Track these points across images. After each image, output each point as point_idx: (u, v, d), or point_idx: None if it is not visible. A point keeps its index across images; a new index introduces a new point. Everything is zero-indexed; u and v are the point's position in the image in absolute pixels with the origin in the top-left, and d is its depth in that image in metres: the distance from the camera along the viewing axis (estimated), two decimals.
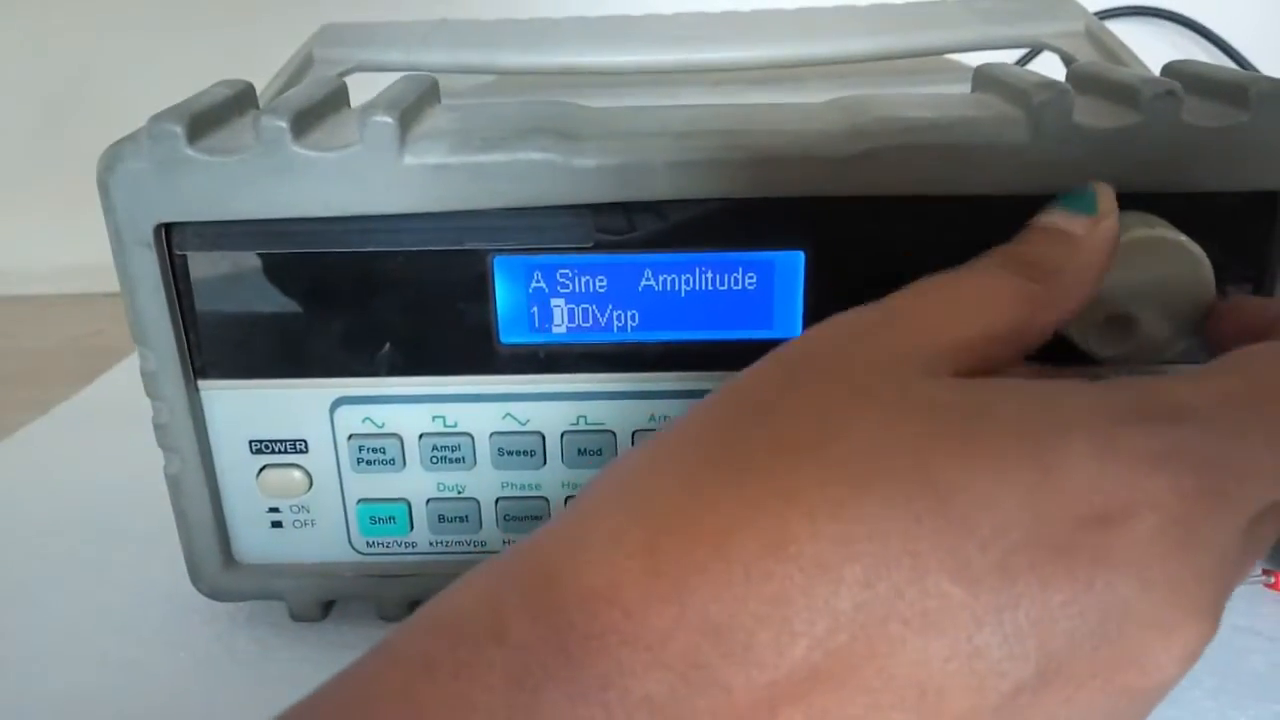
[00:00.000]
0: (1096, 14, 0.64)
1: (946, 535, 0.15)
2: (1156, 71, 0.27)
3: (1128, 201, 0.23)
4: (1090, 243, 0.22)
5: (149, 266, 0.25)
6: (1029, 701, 0.15)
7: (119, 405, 0.47)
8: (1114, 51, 0.35)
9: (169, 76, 0.64)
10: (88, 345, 0.62)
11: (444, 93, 0.29)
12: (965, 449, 0.16)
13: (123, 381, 0.51)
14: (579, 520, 0.17)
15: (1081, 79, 0.27)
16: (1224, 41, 0.64)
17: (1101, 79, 0.26)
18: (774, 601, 0.15)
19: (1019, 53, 0.59)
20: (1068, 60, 0.35)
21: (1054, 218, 0.22)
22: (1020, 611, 0.15)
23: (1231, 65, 0.64)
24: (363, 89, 0.29)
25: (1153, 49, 0.67)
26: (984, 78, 0.28)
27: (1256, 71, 0.54)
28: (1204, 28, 0.64)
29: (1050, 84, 0.24)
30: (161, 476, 0.28)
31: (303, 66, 0.37)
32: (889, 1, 0.39)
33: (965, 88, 0.29)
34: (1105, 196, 0.22)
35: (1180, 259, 0.23)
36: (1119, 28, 0.67)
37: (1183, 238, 0.23)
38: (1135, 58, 0.35)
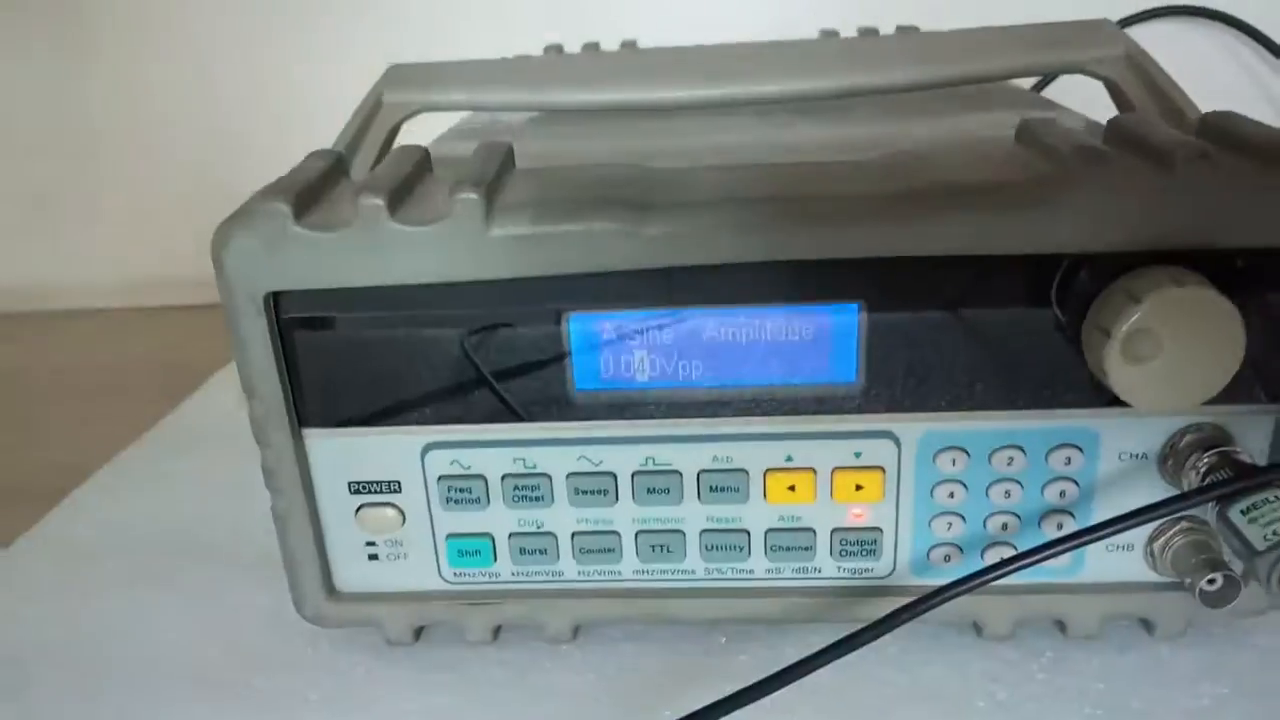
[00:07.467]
0: (1142, 14, 0.64)
1: None
2: (1200, 91, 0.28)
3: (1161, 258, 0.25)
4: None
5: (259, 329, 0.27)
6: None
7: (209, 430, 0.50)
8: (1152, 76, 0.36)
9: (223, 91, 0.67)
10: (165, 359, 0.64)
11: (503, 127, 0.31)
12: None
13: (209, 406, 0.54)
14: None
15: (1119, 133, 0.28)
16: (1271, 40, 0.64)
17: (1137, 137, 0.27)
18: None
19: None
20: (1110, 85, 0.36)
21: None
22: None
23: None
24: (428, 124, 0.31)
25: (1198, 50, 0.67)
26: (1027, 133, 0.29)
27: None
28: (1251, 27, 0.64)
29: (1088, 148, 0.25)
30: (258, 503, 0.31)
31: (373, 110, 0.39)
32: (931, 29, 0.40)
33: (1008, 113, 0.30)
34: None
35: (1212, 314, 0.24)
36: (1163, 29, 0.67)
37: (1214, 292, 0.24)
38: (1173, 83, 0.35)
